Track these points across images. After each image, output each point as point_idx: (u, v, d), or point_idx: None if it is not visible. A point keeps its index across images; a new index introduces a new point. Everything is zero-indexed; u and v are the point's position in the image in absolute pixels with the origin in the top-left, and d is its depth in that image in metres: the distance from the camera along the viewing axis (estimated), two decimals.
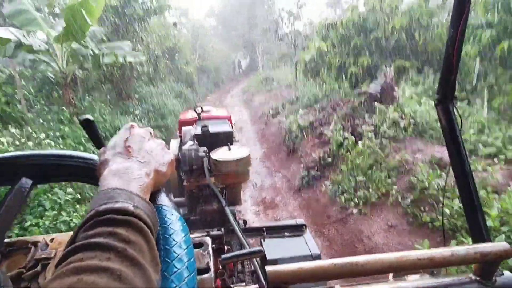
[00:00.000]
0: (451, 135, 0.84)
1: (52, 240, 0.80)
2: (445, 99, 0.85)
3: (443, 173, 3.85)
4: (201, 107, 2.54)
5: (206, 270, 0.84)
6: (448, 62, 0.81)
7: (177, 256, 0.45)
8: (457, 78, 0.82)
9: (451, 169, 0.85)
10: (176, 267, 0.43)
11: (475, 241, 0.77)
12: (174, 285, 0.41)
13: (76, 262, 0.31)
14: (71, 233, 0.89)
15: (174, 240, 0.47)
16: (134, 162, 0.47)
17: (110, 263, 0.30)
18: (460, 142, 0.83)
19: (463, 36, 0.79)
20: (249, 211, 5.18)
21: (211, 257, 0.88)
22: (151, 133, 0.55)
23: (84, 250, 0.32)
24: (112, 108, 8.50)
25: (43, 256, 0.75)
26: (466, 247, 0.64)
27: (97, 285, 0.28)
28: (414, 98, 6.17)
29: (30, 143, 4.67)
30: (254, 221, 4.78)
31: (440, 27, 7.53)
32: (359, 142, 5.26)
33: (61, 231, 3.59)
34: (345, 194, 4.53)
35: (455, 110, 0.86)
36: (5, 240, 0.80)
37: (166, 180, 0.54)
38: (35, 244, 0.79)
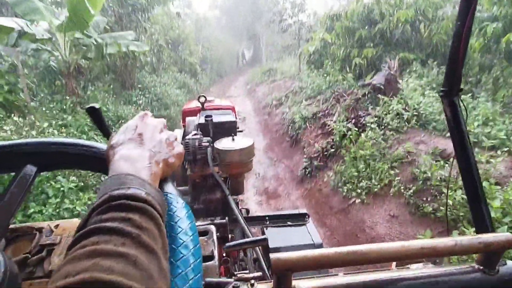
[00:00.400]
0: (456, 128, 0.83)
1: (56, 226, 0.81)
2: (450, 92, 0.85)
3: (446, 165, 3.84)
4: (204, 97, 2.54)
5: (211, 257, 0.85)
6: (454, 55, 0.80)
7: (183, 243, 0.45)
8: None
9: (454, 160, 0.85)
10: (182, 253, 0.44)
11: (479, 231, 0.77)
12: (180, 271, 0.42)
13: (90, 245, 0.30)
14: (75, 219, 0.90)
15: (180, 227, 0.47)
16: (146, 150, 0.47)
17: (126, 249, 0.31)
18: (465, 134, 0.83)
19: (470, 29, 0.78)
20: (251, 201, 5.21)
21: (216, 245, 0.89)
22: (164, 124, 0.55)
23: (98, 234, 0.32)
24: (115, 98, 8.50)
25: (48, 242, 0.76)
26: (470, 237, 0.64)
27: (113, 270, 0.28)
28: (418, 90, 6.11)
29: (34, 132, 4.70)
30: (257, 211, 4.81)
31: (446, 19, 7.40)
32: (362, 134, 5.25)
33: (64, 219, 3.65)
34: (347, 185, 4.55)
35: (460, 103, 0.85)
36: (10, 226, 0.81)
37: (173, 171, 0.54)
38: (39, 230, 0.79)
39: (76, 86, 6.96)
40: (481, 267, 0.67)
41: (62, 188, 3.75)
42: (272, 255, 0.60)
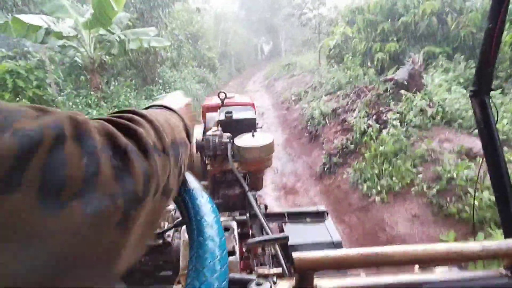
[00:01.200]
0: (486, 128, 0.81)
1: None
2: (480, 91, 0.82)
3: (473, 164, 3.70)
4: (224, 93, 2.56)
5: (232, 253, 0.87)
6: (485, 54, 0.77)
7: (209, 236, 0.47)
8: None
9: (481, 160, 0.82)
10: (209, 246, 0.46)
11: (507, 235, 0.75)
12: (209, 262, 0.44)
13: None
14: None
15: (206, 221, 0.49)
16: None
17: (151, 110, 0.44)
18: (495, 135, 0.80)
19: (503, 27, 0.75)
20: (269, 196, 5.23)
21: (237, 241, 0.91)
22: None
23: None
24: (137, 93, 8.71)
25: None
26: (498, 242, 0.62)
27: (154, 112, 0.41)
28: (444, 86, 5.89)
29: None
30: (274, 206, 4.83)
31: (475, 11, 7.05)
32: (384, 130, 5.13)
33: None
34: (367, 182, 4.47)
35: (491, 102, 0.82)
36: None
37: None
38: None
39: (100, 82, 7.19)
40: (509, 273, 0.65)
41: None
42: (295, 254, 0.61)
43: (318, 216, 1.95)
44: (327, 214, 1.95)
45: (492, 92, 0.83)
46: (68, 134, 0.24)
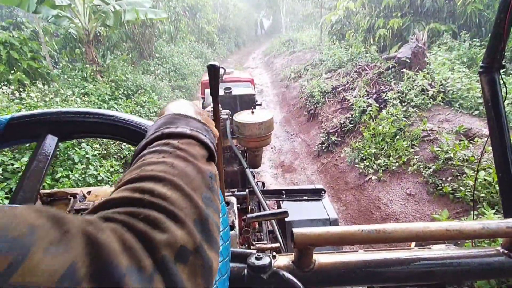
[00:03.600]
0: (494, 107, 0.79)
1: (89, 192, 0.85)
2: (491, 68, 0.79)
3: (471, 145, 3.72)
4: (224, 68, 2.50)
5: (231, 227, 0.87)
6: (499, 28, 0.74)
7: None
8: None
9: (481, 140, 0.81)
10: None
11: (507, 215, 0.75)
12: None
13: (139, 162, 0.39)
14: (106, 187, 0.94)
15: None
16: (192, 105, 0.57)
17: (165, 159, 0.39)
18: (502, 114, 0.79)
19: None
20: (267, 174, 5.27)
21: (236, 216, 0.91)
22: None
23: (145, 155, 0.41)
24: (133, 67, 8.52)
25: (82, 207, 0.80)
26: (498, 221, 0.62)
27: (154, 170, 0.36)
28: (447, 65, 5.80)
29: (58, 99, 4.82)
30: (272, 184, 4.88)
31: None
32: (383, 110, 5.10)
33: (89, 185, 3.81)
34: (365, 161, 4.50)
35: (501, 80, 0.80)
36: (46, 191, 0.86)
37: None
38: (74, 195, 0.84)
39: (95, 55, 7.00)
40: (506, 251, 0.66)
41: (87, 155, 3.90)
42: (296, 230, 0.61)
43: (316, 194, 1.97)
44: (324, 192, 1.97)
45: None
46: (83, 274, 0.22)
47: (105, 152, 4.41)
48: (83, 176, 3.65)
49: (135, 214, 0.30)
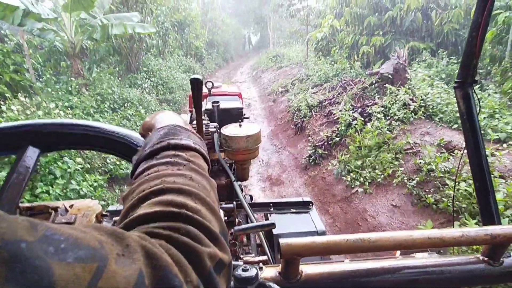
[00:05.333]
0: (469, 120, 0.83)
1: (71, 206, 0.83)
2: (464, 83, 0.84)
3: (451, 157, 3.83)
4: (211, 82, 2.53)
5: None
6: (471, 46, 0.79)
7: None
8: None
9: (460, 152, 0.85)
10: None
11: (485, 223, 0.78)
12: None
13: (154, 173, 0.39)
14: (88, 200, 0.92)
15: None
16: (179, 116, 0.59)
17: (182, 171, 0.40)
18: (477, 126, 0.83)
19: (488, 20, 0.76)
20: (255, 187, 5.26)
21: None
22: None
23: (157, 166, 0.41)
24: (120, 81, 8.47)
25: (63, 221, 0.78)
26: (477, 229, 0.65)
27: (177, 182, 0.37)
28: (427, 81, 6.03)
29: (40, 112, 4.72)
30: (260, 197, 4.86)
31: (458, 7, 7.20)
32: (368, 123, 5.22)
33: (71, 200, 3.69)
34: (351, 174, 4.56)
35: (474, 94, 0.84)
36: (26, 204, 0.83)
37: None
38: (55, 209, 0.81)
39: (81, 68, 6.94)
40: (486, 258, 0.68)
41: (69, 170, 3.80)
42: (282, 240, 0.61)
43: (303, 206, 1.98)
44: (312, 204, 1.98)
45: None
46: (148, 283, 0.25)
47: (88, 166, 4.31)
48: (64, 191, 3.54)
49: (177, 228, 0.31)
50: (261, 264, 0.69)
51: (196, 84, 0.68)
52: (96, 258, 0.22)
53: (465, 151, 0.81)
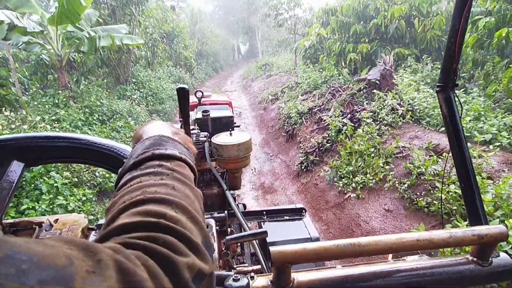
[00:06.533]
0: (452, 122, 0.85)
1: (56, 220, 0.81)
2: (446, 86, 0.86)
3: (440, 160, 3.89)
4: (201, 92, 2.53)
5: None
6: (450, 51, 0.81)
7: None
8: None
9: (449, 155, 0.86)
10: None
11: (473, 224, 0.79)
12: None
13: (136, 184, 0.39)
14: (74, 214, 0.90)
15: None
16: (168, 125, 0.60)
17: (164, 181, 0.39)
18: (460, 129, 0.84)
19: (466, 25, 0.79)
20: (248, 196, 5.23)
21: (215, 238, 0.90)
22: None
23: (140, 177, 0.41)
24: (109, 92, 8.41)
25: (47, 236, 0.76)
26: (464, 230, 0.65)
27: (159, 192, 0.37)
28: (413, 86, 6.16)
29: (25, 126, 4.63)
30: (253, 206, 4.83)
31: (440, 14, 7.43)
32: (358, 129, 5.28)
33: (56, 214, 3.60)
34: (343, 179, 4.58)
35: (456, 97, 0.86)
36: (9, 221, 0.81)
37: None
38: (39, 224, 0.79)
39: (69, 81, 6.87)
40: (475, 259, 0.68)
41: (55, 184, 3.71)
42: (272, 248, 0.61)
43: (297, 214, 1.97)
44: (305, 211, 1.98)
45: (455, 92, 0.88)
46: None
47: (76, 180, 4.23)
48: (50, 206, 3.46)
49: (155, 239, 0.31)
50: (252, 274, 0.68)
51: (182, 93, 0.68)
52: (61, 280, 0.20)
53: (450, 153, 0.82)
